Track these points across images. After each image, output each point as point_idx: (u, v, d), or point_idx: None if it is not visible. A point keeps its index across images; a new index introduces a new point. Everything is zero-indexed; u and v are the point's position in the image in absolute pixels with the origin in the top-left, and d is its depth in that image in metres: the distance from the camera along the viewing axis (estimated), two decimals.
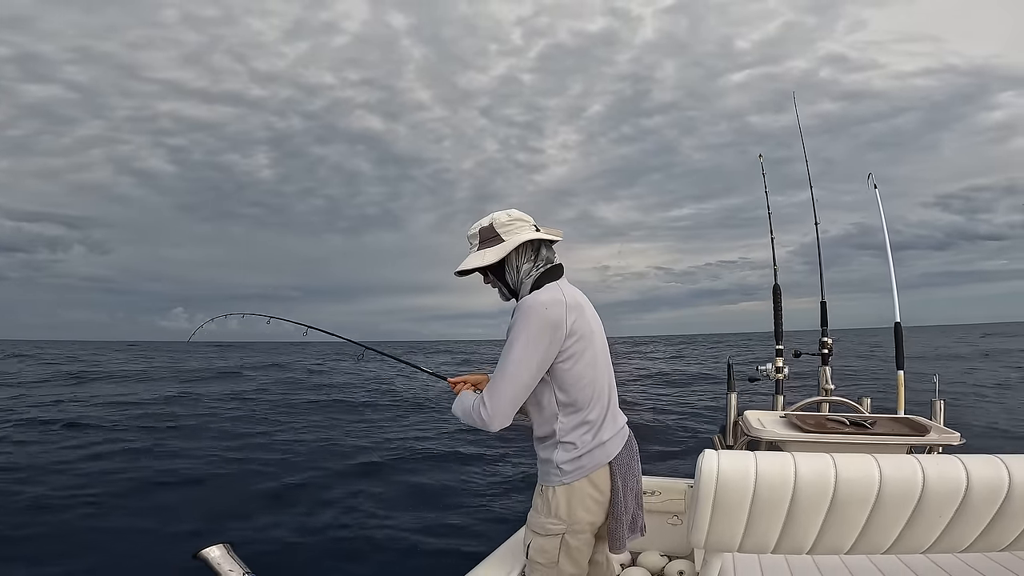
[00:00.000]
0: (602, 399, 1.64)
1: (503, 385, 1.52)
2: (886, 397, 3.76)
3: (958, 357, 23.44)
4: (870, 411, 3.13)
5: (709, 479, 1.47)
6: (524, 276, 1.66)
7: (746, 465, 1.47)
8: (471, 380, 1.87)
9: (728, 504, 1.46)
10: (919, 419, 2.56)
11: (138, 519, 4.87)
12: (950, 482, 1.39)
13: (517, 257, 1.66)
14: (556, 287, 1.62)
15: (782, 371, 3.86)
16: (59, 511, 4.97)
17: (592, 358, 1.61)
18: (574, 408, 1.59)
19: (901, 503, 1.40)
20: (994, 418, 9.05)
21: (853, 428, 2.45)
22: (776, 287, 4.14)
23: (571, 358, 1.56)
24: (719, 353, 31.93)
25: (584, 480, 1.59)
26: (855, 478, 1.42)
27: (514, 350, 1.52)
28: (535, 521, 1.65)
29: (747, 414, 2.77)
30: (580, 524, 1.60)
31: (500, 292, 1.74)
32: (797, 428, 2.48)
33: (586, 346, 1.59)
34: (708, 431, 7.75)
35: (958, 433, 2.36)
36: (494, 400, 1.53)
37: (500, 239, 1.65)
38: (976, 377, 15.21)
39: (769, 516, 1.45)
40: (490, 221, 1.67)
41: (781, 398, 3.77)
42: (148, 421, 9.64)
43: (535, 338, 1.51)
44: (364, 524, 4.90)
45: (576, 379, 1.58)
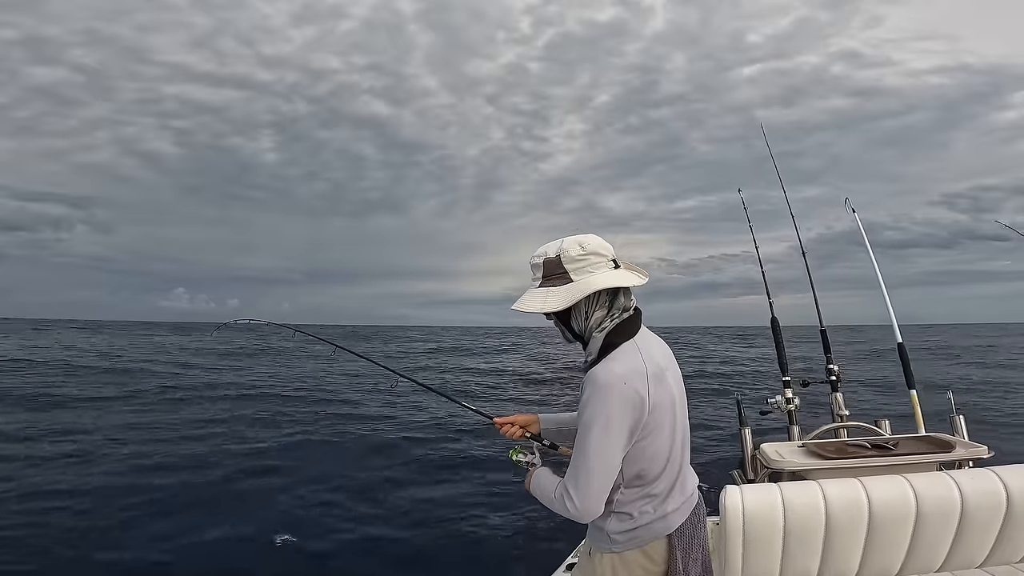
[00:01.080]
0: (673, 468, 1.45)
1: (588, 475, 1.34)
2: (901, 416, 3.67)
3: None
4: (890, 432, 3.05)
5: (735, 515, 1.42)
6: (594, 325, 1.40)
7: (772, 497, 1.42)
8: (519, 421, 1.70)
9: (759, 538, 1.40)
10: (943, 436, 2.49)
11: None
12: (990, 495, 1.35)
13: (587, 304, 1.40)
14: (634, 350, 1.37)
15: (792, 402, 3.79)
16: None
17: (670, 429, 1.42)
18: (640, 481, 1.42)
19: (943, 520, 1.35)
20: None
21: (876, 451, 2.36)
22: (774, 319, 4.13)
23: (649, 435, 1.37)
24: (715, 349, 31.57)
25: (637, 551, 1.44)
26: (888, 499, 1.38)
27: (593, 432, 1.32)
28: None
29: (764, 447, 2.69)
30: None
31: (563, 335, 1.50)
32: (818, 456, 2.40)
33: (665, 418, 1.39)
34: (718, 450, 7.54)
35: (985, 446, 2.28)
36: (581, 493, 1.34)
37: (568, 278, 1.38)
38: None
39: (805, 546, 1.39)
40: (557, 252, 1.39)
41: (796, 428, 3.68)
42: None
43: (616, 418, 1.31)
44: None
45: (651, 455, 1.39)
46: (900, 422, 3.73)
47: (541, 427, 1.75)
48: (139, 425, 9.67)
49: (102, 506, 5.62)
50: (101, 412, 10.60)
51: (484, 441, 8.44)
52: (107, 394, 12.76)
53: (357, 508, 5.88)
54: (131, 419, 10.11)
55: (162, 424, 9.71)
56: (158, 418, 10.22)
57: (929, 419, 3.31)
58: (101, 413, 10.51)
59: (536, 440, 1.71)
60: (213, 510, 5.58)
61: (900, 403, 3.70)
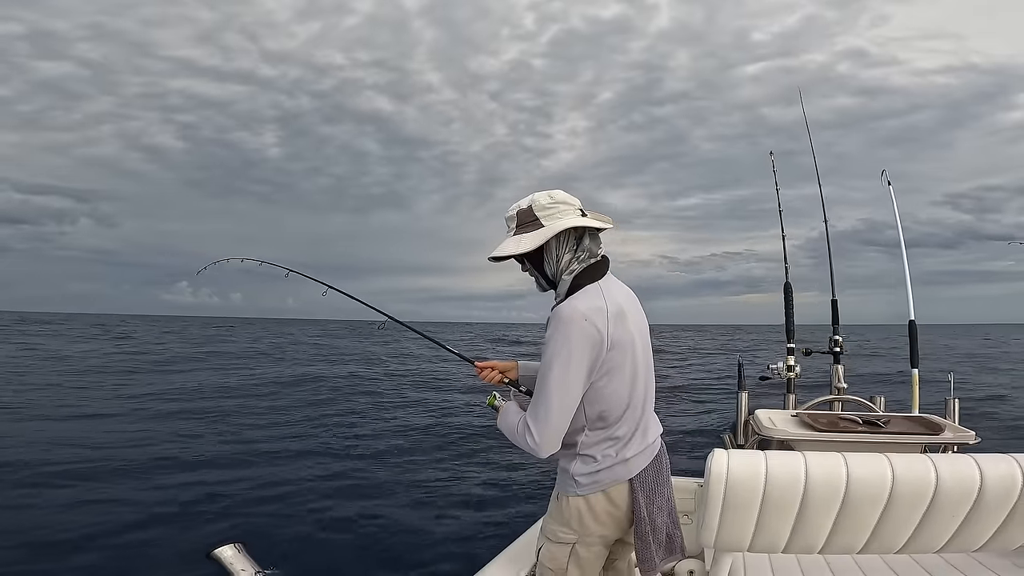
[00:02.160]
0: (635, 414, 1.52)
1: (548, 409, 1.40)
2: (900, 396, 3.72)
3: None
4: (884, 410, 3.09)
5: (719, 478, 1.46)
6: (564, 268, 1.49)
7: (756, 464, 1.46)
8: (499, 366, 1.75)
9: (738, 503, 1.45)
10: (934, 418, 2.53)
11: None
12: (964, 481, 1.37)
13: (558, 245, 1.49)
14: (597, 290, 1.46)
15: (793, 369, 3.81)
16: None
17: (631, 372, 1.48)
18: (603, 423, 1.49)
19: (914, 502, 1.39)
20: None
21: (866, 427, 2.41)
22: (787, 284, 4.10)
23: (608, 373, 1.44)
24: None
25: (600, 494, 1.51)
26: (867, 477, 1.41)
27: (554, 369, 1.39)
28: (548, 527, 1.62)
29: (758, 413, 2.75)
30: (592, 536, 1.55)
31: (537, 282, 1.58)
32: (809, 427, 2.46)
33: (625, 359, 1.46)
34: (716, 428, 7.72)
35: (972, 432, 2.32)
36: (540, 426, 1.41)
37: (539, 224, 1.47)
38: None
39: (779, 515, 1.44)
40: (529, 203, 1.50)
41: (792, 397, 3.73)
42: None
43: (577, 353, 1.38)
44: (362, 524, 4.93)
45: (610, 395, 1.46)
46: (898, 398, 3.78)
47: (520, 373, 1.78)
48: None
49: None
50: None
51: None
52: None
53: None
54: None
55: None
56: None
57: (926, 400, 3.35)
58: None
59: (514, 386, 1.75)
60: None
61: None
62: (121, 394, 11.47)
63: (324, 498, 5.47)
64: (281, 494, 5.53)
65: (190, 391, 12.10)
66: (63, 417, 9.04)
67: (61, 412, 9.34)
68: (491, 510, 5.32)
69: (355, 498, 5.54)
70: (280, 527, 4.75)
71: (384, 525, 4.86)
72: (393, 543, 4.56)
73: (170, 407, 10.10)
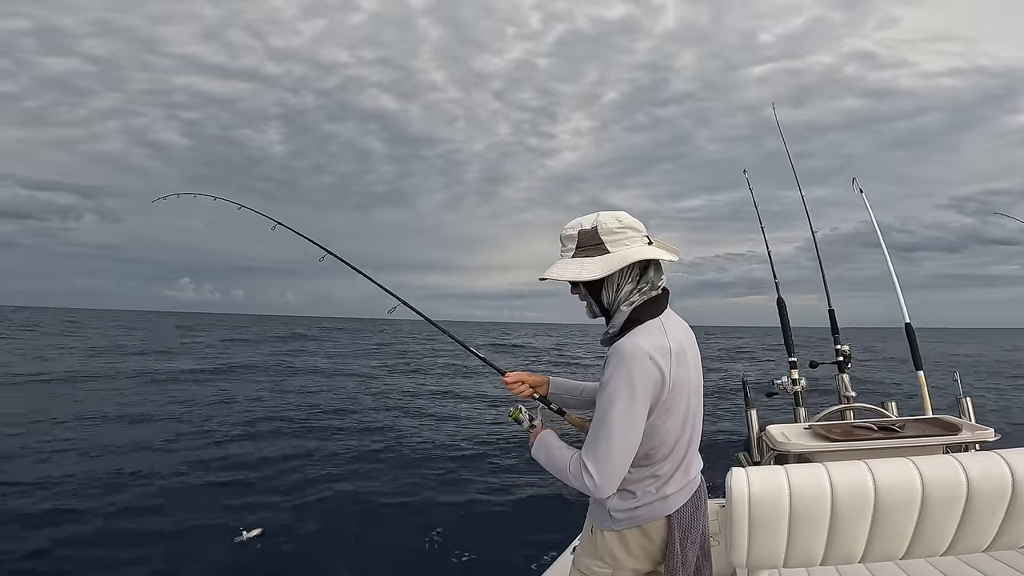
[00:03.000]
0: (680, 452, 1.46)
1: (610, 448, 1.32)
2: (908, 399, 3.67)
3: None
4: (897, 414, 3.05)
5: (741, 497, 1.43)
6: (623, 299, 1.40)
7: (777, 479, 1.43)
8: (529, 380, 1.69)
9: (765, 521, 1.41)
10: (949, 418, 2.49)
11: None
12: (995, 478, 1.35)
13: (620, 275, 1.40)
14: (660, 328, 1.38)
15: (798, 383, 3.78)
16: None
17: (684, 411, 1.43)
18: (648, 461, 1.43)
19: (949, 504, 1.35)
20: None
21: (882, 433, 2.38)
22: (780, 299, 4.11)
23: (665, 412, 1.38)
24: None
25: (636, 529, 1.47)
26: (895, 483, 1.38)
27: (617, 406, 1.31)
28: (581, 560, 1.57)
29: (770, 429, 2.70)
30: (625, 570, 1.51)
31: (588, 308, 1.49)
32: (824, 438, 2.41)
33: (682, 398, 1.40)
34: (727, 439, 7.59)
35: (991, 429, 2.29)
36: (602, 468, 1.32)
37: (604, 248, 1.38)
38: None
39: (810, 529, 1.40)
40: (593, 224, 1.39)
41: (802, 410, 3.68)
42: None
43: (640, 392, 1.31)
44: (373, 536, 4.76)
45: (663, 436, 1.40)
46: (908, 403, 3.74)
47: (551, 390, 1.72)
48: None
49: None
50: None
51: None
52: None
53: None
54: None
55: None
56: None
57: (936, 401, 3.31)
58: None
59: (543, 402, 1.68)
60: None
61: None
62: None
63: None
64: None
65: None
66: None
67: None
68: (517, 533, 5.15)
69: (358, 521, 5.34)
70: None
71: (394, 550, 4.69)
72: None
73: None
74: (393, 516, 5.47)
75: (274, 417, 9.86)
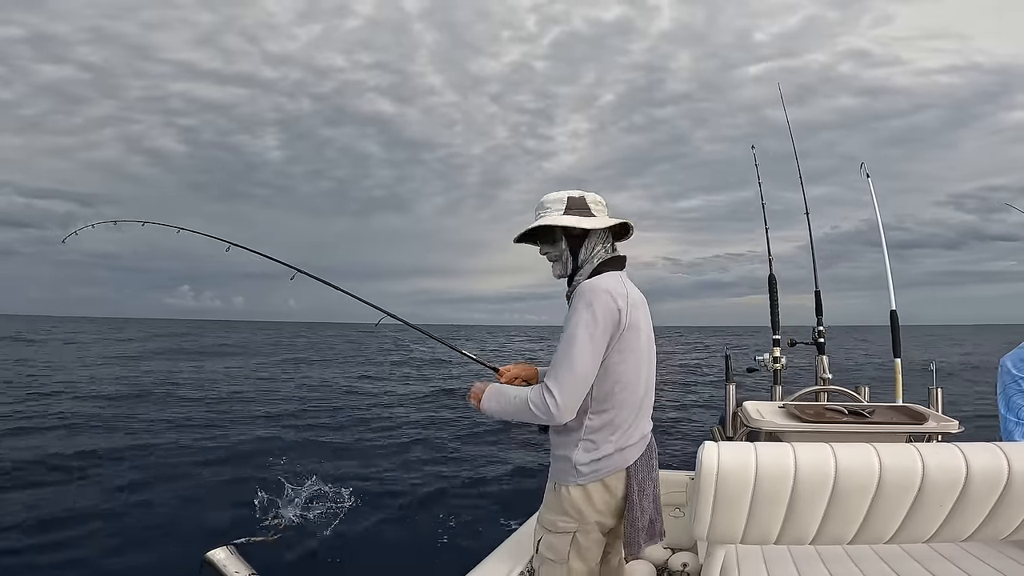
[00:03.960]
0: (634, 403, 1.60)
1: (571, 373, 1.46)
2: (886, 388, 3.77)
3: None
4: (868, 400, 3.14)
5: (710, 471, 1.46)
6: (593, 256, 1.62)
7: (746, 456, 1.46)
8: (522, 374, 1.82)
9: (729, 496, 1.45)
10: (917, 407, 2.57)
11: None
12: (950, 471, 1.39)
13: (599, 237, 1.64)
14: (618, 277, 1.60)
15: (779, 361, 3.86)
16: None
17: (638, 358, 1.58)
18: (606, 406, 1.56)
19: (902, 492, 1.40)
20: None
21: (851, 417, 2.45)
22: (771, 277, 4.14)
23: (621, 352, 1.53)
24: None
25: (599, 483, 1.59)
26: (855, 468, 1.41)
27: (579, 336, 1.46)
28: (546, 518, 1.66)
29: (746, 405, 2.77)
30: (590, 524, 1.61)
31: (558, 265, 1.68)
32: (796, 418, 2.48)
33: (637, 343, 1.57)
34: (706, 421, 7.80)
35: (956, 421, 2.36)
36: (563, 389, 1.45)
37: (591, 213, 1.62)
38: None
39: (770, 507, 1.45)
40: (580, 194, 1.64)
41: (779, 388, 3.77)
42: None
43: (599, 324, 1.47)
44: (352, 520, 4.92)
45: (618, 376, 1.54)
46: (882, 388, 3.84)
47: (540, 379, 1.79)
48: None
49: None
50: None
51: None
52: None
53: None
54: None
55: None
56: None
57: (909, 389, 3.41)
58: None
59: None
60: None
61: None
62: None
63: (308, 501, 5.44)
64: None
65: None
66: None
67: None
68: (484, 505, 5.34)
69: (336, 509, 5.50)
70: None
71: (369, 531, 4.85)
72: (380, 547, 4.56)
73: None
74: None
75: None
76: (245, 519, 4.85)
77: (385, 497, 5.64)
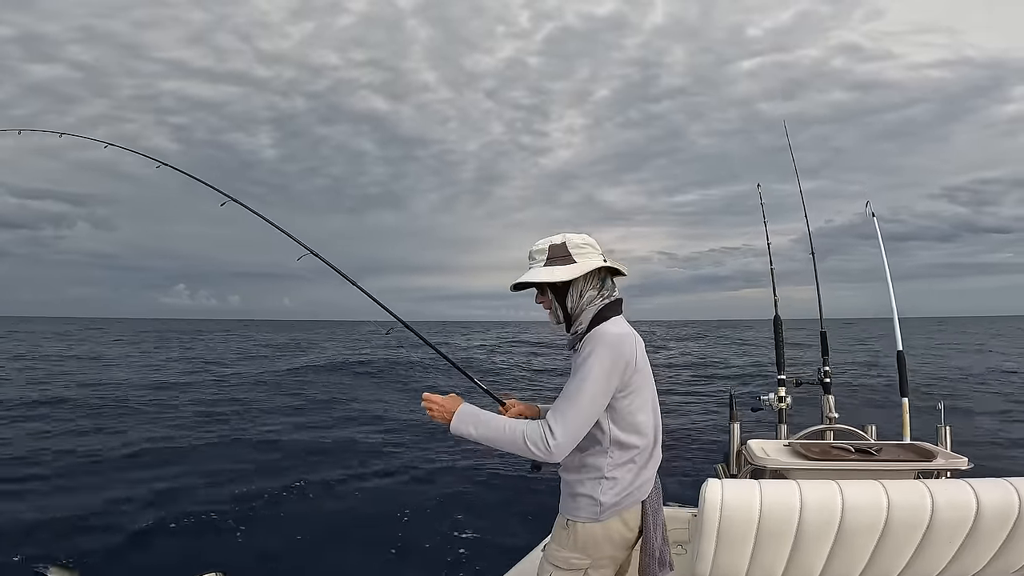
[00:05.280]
0: (651, 437, 1.63)
1: (575, 415, 1.48)
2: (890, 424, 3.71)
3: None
4: (876, 438, 3.08)
5: (713, 509, 1.44)
6: (587, 303, 1.64)
7: (751, 494, 1.44)
8: (527, 413, 1.84)
9: (733, 534, 1.43)
10: (925, 445, 2.52)
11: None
12: (960, 507, 1.36)
13: (585, 282, 1.64)
14: (622, 321, 1.63)
15: (784, 400, 3.82)
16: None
17: (648, 396, 1.63)
18: (627, 444, 1.58)
19: (910, 530, 1.37)
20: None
21: (858, 455, 2.40)
22: (776, 317, 4.13)
23: (632, 393, 1.57)
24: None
25: (616, 518, 1.59)
26: (862, 505, 1.39)
27: (588, 381, 1.49)
28: (558, 555, 1.63)
29: (750, 443, 2.73)
30: (605, 559, 1.60)
31: (552, 315, 1.70)
32: (802, 456, 2.44)
33: (645, 383, 1.61)
34: (705, 453, 7.63)
35: (965, 458, 2.31)
36: (566, 430, 1.47)
37: (572, 260, 1.63)
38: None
39: (775, 546, 1.42)
40: (562, 240, 1.65)
41: (784, 427, 3.71)
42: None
43: (608, 372, 1.50)
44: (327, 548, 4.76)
45: (633, 415, 1.58)
46: (889, 429, 3.77)
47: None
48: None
49: None
50: None
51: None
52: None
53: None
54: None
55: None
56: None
57: (917, 429, 3.34)
58: None
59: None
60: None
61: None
62: None
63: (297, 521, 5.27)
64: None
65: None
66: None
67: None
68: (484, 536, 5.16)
69: (318, 539, 5.34)
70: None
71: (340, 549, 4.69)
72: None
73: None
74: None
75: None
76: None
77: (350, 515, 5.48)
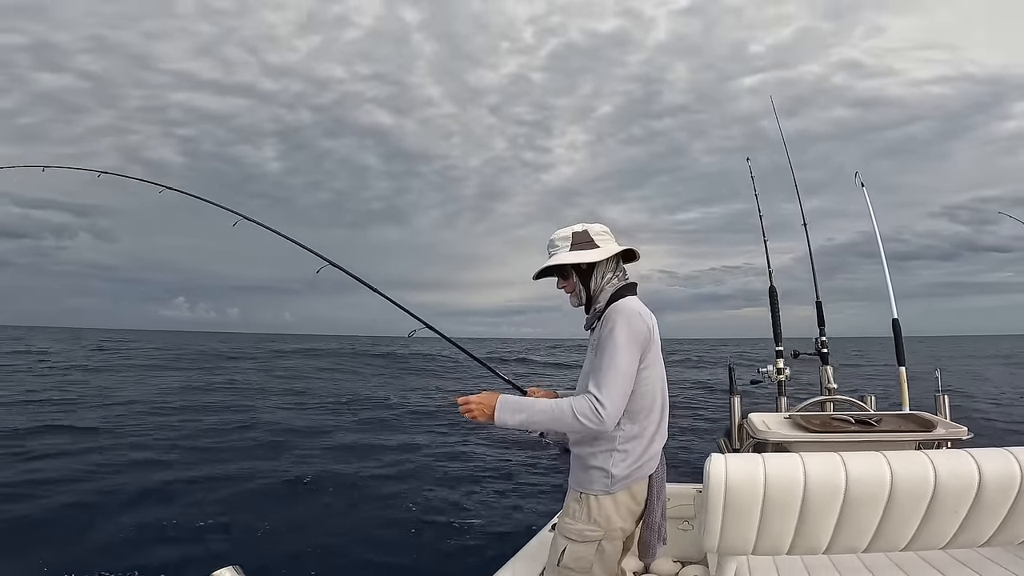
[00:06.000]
0: (657, 413, 1.71)
1: (616, 382, 1.56)
2: (890, 395, 3.74)
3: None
4: (875, 408, 3.11)
5: (718, 483, 1.46)
6: (606, 284, 1.75)
7: (754, 468, 1.46)
8: (548, 396, 1.90)
9: (739, 507, 1.44)
10: (925, 415, 2.55)
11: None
12: (963, 477, 1.38)
13: (606, 266, 1.77)
14: (637, 299, 1.74)
15: (783, 372, 3.83)
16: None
17: (659, 371, 1.72)
18: (638, 417, 1.66)
19: (915, 500, 1.39)
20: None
21: (859, 426, 2.42)
22: (772, 288, 4.14)
23: (648, 366, 1.66)
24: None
25: (625, 491, 1.67)
26: (865, 476, 1.41)
27: (619, 350, 1.58)
28: (571, 528, 1.69)
29: (751, 417, 2.75)
30: (616, 531, 1.67)
31: (574, 297, 1.81)
32: (803, 428, 2.46)
33: (658, 358, 1.71)
34: (708, 432, 7.73)
35: (965, 427, 2.34)
36: (611, 397, 1.54)
37: (595, 245, 1.75)
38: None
39: (781, 517, 1.44)
40: (583, 228, 1.78)
41: (784, 399, 3.74)
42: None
43: (633, 339, 1.60)
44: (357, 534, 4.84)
45: (647, 387, 1.66)
46: (887, 397, 3.81)
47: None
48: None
49: None
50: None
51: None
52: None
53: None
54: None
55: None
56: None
57: (915, 397, 3.37)
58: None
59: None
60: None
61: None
62: None
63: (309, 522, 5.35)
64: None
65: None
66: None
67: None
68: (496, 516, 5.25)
69: (339, 528, 5.42)
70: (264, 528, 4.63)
71: (367, 536, 4.77)
72: (388, 549, 4.49)
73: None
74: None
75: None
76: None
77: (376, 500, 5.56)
